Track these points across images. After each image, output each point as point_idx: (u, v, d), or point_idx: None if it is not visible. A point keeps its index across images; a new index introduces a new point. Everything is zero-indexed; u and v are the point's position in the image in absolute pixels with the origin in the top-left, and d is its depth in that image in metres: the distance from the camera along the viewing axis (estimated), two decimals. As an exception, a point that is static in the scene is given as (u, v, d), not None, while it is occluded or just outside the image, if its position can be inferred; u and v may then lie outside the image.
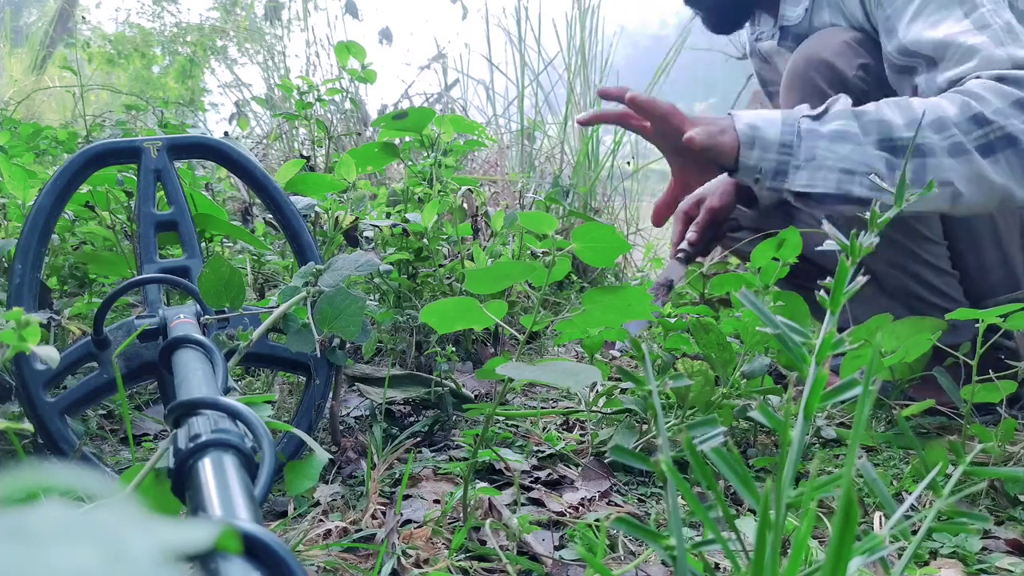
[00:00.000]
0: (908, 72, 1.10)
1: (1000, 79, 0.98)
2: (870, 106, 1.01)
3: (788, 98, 1.22)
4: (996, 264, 1.22)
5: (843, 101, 1.04)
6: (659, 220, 1.29)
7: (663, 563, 0.71)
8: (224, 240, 1.43)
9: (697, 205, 1.33)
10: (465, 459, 0.97)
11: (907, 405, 1.05)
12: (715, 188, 1.34)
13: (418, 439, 1.03)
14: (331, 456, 0.92)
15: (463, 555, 0.70)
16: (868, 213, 0.48)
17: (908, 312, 1.16)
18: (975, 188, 0.98)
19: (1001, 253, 1.22)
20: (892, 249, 1.21)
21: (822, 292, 0.44)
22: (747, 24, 1.43)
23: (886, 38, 1.13)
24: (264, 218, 1.50)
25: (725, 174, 1.19)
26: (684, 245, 1.30)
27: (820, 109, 1.03)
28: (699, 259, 1.40)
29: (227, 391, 0.56)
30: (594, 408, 1.11)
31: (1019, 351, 1.16)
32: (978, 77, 0.99)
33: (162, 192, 0.97)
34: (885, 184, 0.60)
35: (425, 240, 1.38)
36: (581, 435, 1.09)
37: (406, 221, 1.39)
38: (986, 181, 0.98)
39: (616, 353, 1.65)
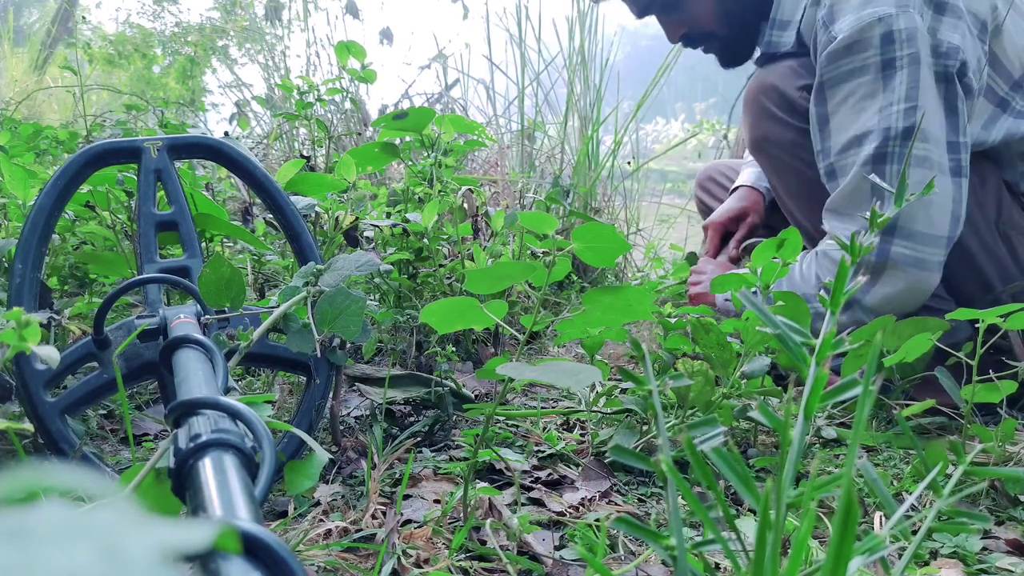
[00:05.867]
0: None
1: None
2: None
3: (744, 119, 1.37)
4: (959, 263, 1.23)
5: None
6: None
7: (663, 563, 0.71)
8: (224, 240, 1.43)
9: (734, 221, 1.57)
10: (465, 459, 0.97)
11: (907, 405, 1.05)
12: (749, 204, 1.58)
13: (418, 439, 1.03)
14: (331, 456, 0.92)
15: (463, 555, 0.70)
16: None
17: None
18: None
19: (965, 254, 1.23)
20: None
21: (823, 292, 0.44)
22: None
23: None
24: (264, 218, 1.50)
25: (746, 189, 1.58)
26: (724, 259, 1.53)
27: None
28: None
29: (227, 391, 0.56)
30: (594, 408, 1.11)
31: (1016, 351, 1.15)
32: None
33: (162, 192, 0.98)
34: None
35: (425, 240, 1.38)
36: (581, 435, 1.09)
37: (406, 221, 1.39)
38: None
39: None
